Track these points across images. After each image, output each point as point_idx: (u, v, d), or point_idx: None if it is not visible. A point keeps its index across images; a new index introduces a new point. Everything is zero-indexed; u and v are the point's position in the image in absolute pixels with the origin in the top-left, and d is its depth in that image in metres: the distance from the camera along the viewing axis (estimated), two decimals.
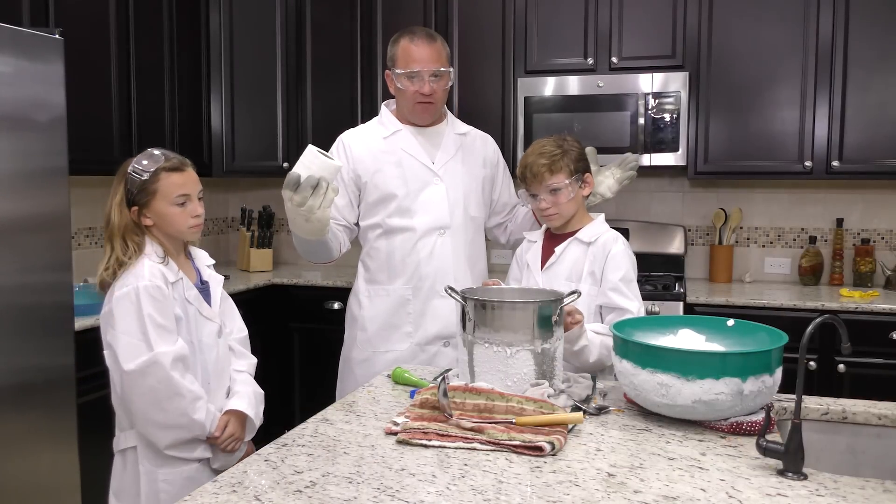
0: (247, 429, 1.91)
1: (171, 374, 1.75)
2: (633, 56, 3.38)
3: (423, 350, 2.29)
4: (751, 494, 1.16)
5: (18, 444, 2.16)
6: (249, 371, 2.00)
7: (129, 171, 1.83)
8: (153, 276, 1.78)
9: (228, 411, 1.87)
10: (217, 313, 1.93)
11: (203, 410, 1.80)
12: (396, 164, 2.29)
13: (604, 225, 2.07)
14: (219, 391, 1.90)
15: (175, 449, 1.81)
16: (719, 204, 3.66)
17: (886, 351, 2.91)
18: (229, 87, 3.73)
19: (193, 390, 1.79)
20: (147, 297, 1.76)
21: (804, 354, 1.28)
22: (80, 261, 3.28)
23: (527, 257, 2.12)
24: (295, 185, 1.89)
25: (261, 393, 1.98)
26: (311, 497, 1.15)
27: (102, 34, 3.03)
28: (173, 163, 1.85)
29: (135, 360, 1.74)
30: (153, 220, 1.84)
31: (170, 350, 1.76)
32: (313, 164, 1.90)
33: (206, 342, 1.88)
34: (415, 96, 2.25)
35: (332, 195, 1.94)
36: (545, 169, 1.98)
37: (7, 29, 2.10)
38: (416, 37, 2.26)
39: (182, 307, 1.84)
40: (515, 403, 1.49)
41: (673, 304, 3.11)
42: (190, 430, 1.80)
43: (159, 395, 1.76)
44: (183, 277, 1.86)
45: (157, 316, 1.76)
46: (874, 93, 3.14)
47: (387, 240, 2.30)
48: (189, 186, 1.86)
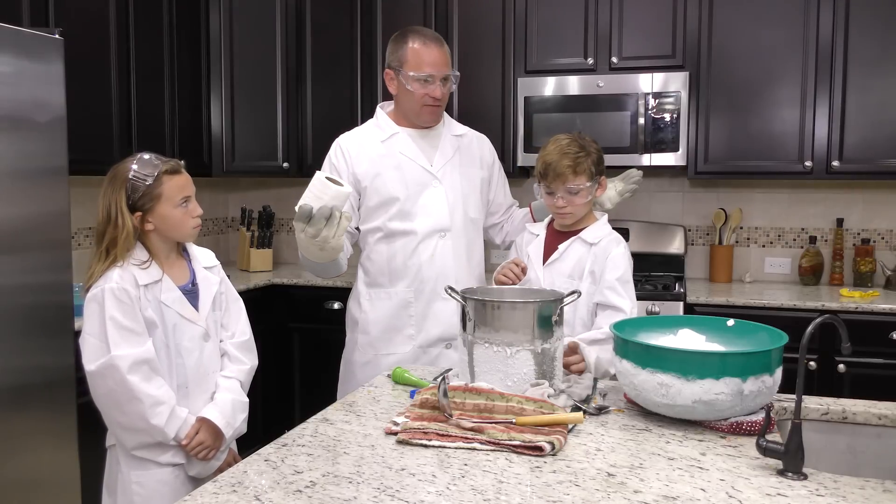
0: (224, 438, 1.86)
1: (127, 377, 1.72)
2: (633, 56, 3.38)
3: (426, 352, 2.29)
4: (751, 494, 1.16)
5: (18, 444, 2.16)
6: (240, 377, 1.94)
7: (131, 178, 1.81)
8: (122, 278, 1.77)
9: (200, 419, 1.84)
10: (204, 317, 1.89)
11: (164, 416, 1.76)
12: (395, 167, 2.28)
13: (607, 226, 2.08)
14: (199, 396, 1.87)
15: (141, 451, 1.80)
16: (719, 204, 3.66)
17: (886, 351, 2.91)
18: (229, 87, 3.73)
19: (154, 395, 1.75)
20: (112, 299, 1.75)
21: (804, 354, 1.28)
22: (80, 261, 3.27)
23: (528, 249, 2.13)
24: (307, 218, 1.85)
25: (243, 402, 1.93)
26: (311, 497, 1.15)
27: (102, 34, 3.03)
28: (172, 165, 1.85)
29: (95, 361, 1.75)
30: (155, 225, 1.83)
31: (129, 353, 1.73)
32: (325, 194, 1.85)
33: (185, 346, 1.85)
34: (424, 99, 2.24)
35: (346, 223, 1.91)
36: (569, 170, 1.97)
37: (7, 29, 2.10)
38: (427, 39, 2.25)
39: (156, 310, 1.81)
40: (515, 403, 1.49)
41: (673, 304, 3.11)
42: (150, 434, 1.77)
43: (118, 398, 1.75)
44: (162, 280, 1.83)
45: (121, 318, 1.75)
46: (874, 93, 3.14)
47: (387, 243, 2.29)
48: (189, 188, 1.87)
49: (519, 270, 2.01)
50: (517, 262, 2.03)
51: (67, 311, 2.32)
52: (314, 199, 1.86)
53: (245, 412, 1.93)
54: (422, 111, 2.27)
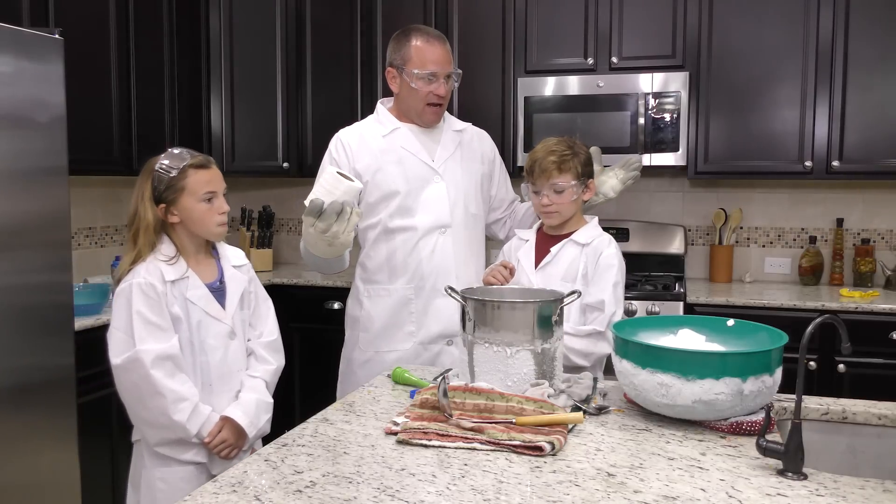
0: (247, 437, 1.88)
1: (151, 371, 1.74)
2: (633, 56, 3.38)
3: (427, 349, 2.28)
4: (751, 494, 1.16)
5: (18, 444, 2.16)
6: (266, 377, 1.97)
7: (156, 168, 1.84)
8: (149, 273, 1.79)
9: (223, 417, 1.86)
10: (230, 315, 1.91)
11: (186, 412, 1.78)
12: (397, 162, 2.28)
13: (598, 228, 2.10)
14: (223, 394, 1.89)
15: (164, 447, 1.81)
16: (719, 204, 3.66)
17: (886, 351, 2.91)
18: (229, 87, 3.73)
19: (177, 390, 1.77)
20: (139, 293, 1.77)
21: (804, 354, 1.28)
22: (79, 261, 3.28)
23: (518, 255, 2.13)
24: (318, 213, 1.85)
25: (267, 402, 1.95)
26: (311, 497, 1.15)
27: (102, 34, 3.04)
28: (199, 160, 1.87)
29: (121, 354, 1.77)
30: (179, 217, 1.85)
31: (153, 348, 1.75)
32: (336, 189, 1.85)
33: (210, 343, 1.87)
34: (428, 97, 2.25)
35: (356, 219, 1.91)
36: (554, 167, 2.00)
37: (7, 29, 2.10)
38: (430, 37, 2.26)
39: (182, 307, 1.83)
40: (515, 403, 1.49)
41: (673, 304, 3.11)
42: (172, 430, 1.79)
43: (141, 392, 1.77)
44: (189, 276, 1.85)
45: (148, 313, 1.77)
46: (874, 93, 3.14)
47: (387, 240, 2.29)
48: (215, 183, 1.88)
49: (507, 272, 2.01)
50: (505, 264, 2.03)
51: (67, 311, 2.31)
52: (325, 193, 1.85)
53: (269, 413, 1.95)
54: (425, 110, 2.27)
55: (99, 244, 3.51)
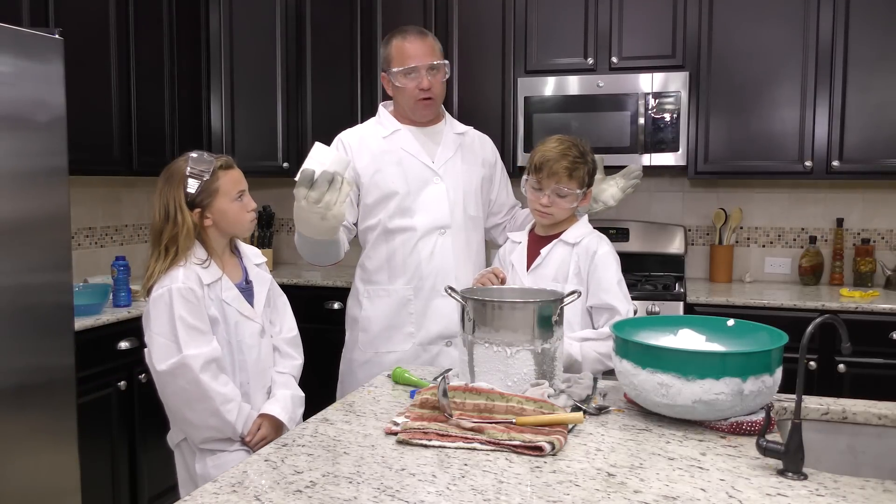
0: (282, 433, 1.89)
1: (200, 376, 1.77)
2: (633, 56, 3.38)
3: (426, 350, 2.29)
4: (751, 494, 1.16)
5: (18, 444, 2.16)
6: (293, 373, 2.01)
7: (188, 174, 1.84)
8: (187, 278, 1.81)
9: (262, 415, 1.89)
10: (259, 313, 1.93)
11: (234, 412, 1.82)
12: (397, 163, 2.28)
13: (587, 226, 2.08)
14: (258, 392, 1.92)
15: (210, 445, 1.84)
16: (719, 204, 3.66)
17: (886, 351, 2.91)
18: (229, 87, 3.73)
19: (224, 392, 1.80)
20: (180, 298, 1.78)
21: (804, 354, 1.28)
22: (79, 261, 3.28)
23: (511, 258, 2.13)
24: (309, 182, 1.82)
25: (300, 396, 1.99)
26: (311, 497, 1.15)
27: (102, 34, 3.04)
28: (224, 161, 1.90)
29: (166, 360, 1.78)
30: (213, 220, 1.86)
31: (200, 352, 1.77)
32: (326, 159, 1.84)
33: (246, 342, 1.89)
34: (415, 92, 2.25)
35: (347, 189, 1.89)
36: (565, 172, 1.98)
37: (7, 29, 2.10)
38: (407, 34, 2.27)
39: (219, 308, 1.85)
40: (515, 403, 1.49)
41: (673, 304, 3.11)
42: (221, 430, 1.82)
43: (189, 396, 1.79)
44: (222, 278, 1.87)
45: (189, 318, 1.78)
46: (874, 93, 3.14)
47: (386, 241, 2.29)
48: (242, 182, 1.92)
49: (498, 281, 1.99)
50: (496, 273, 2.01)
51: (67, 311, 2.32)
52: (316, 164, 1.84)
53: (302, 406, 1.99)
54: (416, 105, 2.27)
55: (99, 244, 3.51)
